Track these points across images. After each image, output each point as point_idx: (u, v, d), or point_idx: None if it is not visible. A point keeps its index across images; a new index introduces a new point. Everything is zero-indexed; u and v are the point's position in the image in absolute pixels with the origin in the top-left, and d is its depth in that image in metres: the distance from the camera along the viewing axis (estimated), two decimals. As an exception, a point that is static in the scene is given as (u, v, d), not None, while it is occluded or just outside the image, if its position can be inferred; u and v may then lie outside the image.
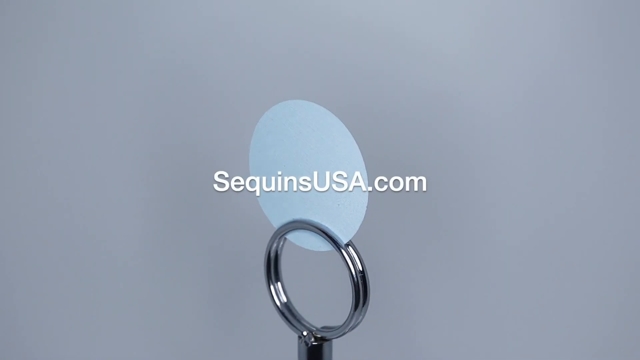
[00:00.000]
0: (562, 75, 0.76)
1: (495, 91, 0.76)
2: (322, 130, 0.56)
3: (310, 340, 0.59)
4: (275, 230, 0.59)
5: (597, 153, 0.76)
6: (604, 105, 0.76)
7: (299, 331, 0.60)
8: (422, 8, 0.76)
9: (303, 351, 0.60)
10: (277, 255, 0.60)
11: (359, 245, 0.57)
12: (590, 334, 0.78)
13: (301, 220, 0.58)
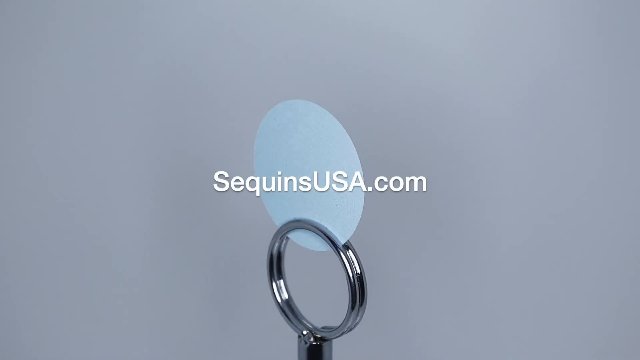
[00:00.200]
0: (562, 75, 0.76)
1: (495, 91, 0.76)
2: (322, 130, 0.56)
3: (309, 339, 0.59)
4: (277, 229, 0.59)
5: (597, 154, 0.76)
6: (604, 106, 0.76)
7: (299, 330, 0.60)
8: (422, 8, 0.76)
9: (303, 351, 0.60)
10: (280, 253, 0.60)
11: (359, 245, 0.57)
12: (590, 334, 0.78)
13: (301, 219, 0.58)
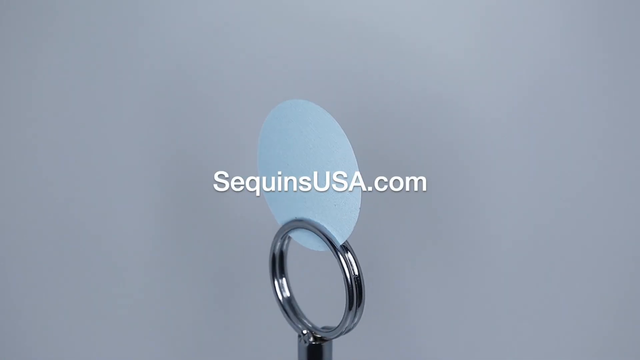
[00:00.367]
0: (562, 76, 0.76)
1: (495, 92, 0.76)
2: (321, 130, 0.56)
3: (309, 339, 0.59)
4: (279, 228, 0.59)
5: (597, 154, 0.77)
6: (604, 106, 0.76)
7: (299, 329, 0.60)
8: (422, 10, 0.76)
9: (303, 350, 0.60)
10: (282, 252, 0.60)
11: (359, 244, 0.57)
12: (589, 334, 0.78)
13: (302, 219, 0.58)
